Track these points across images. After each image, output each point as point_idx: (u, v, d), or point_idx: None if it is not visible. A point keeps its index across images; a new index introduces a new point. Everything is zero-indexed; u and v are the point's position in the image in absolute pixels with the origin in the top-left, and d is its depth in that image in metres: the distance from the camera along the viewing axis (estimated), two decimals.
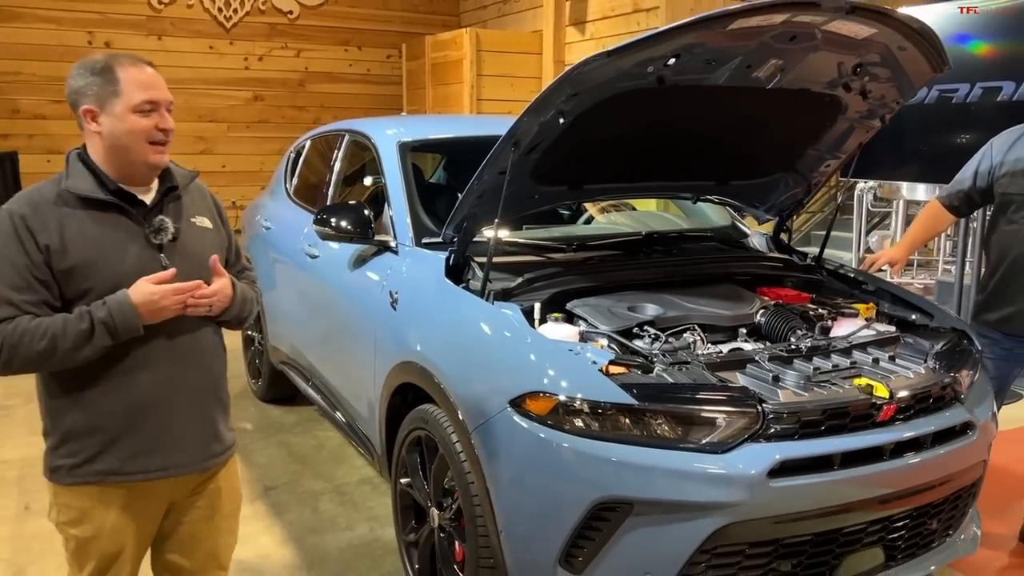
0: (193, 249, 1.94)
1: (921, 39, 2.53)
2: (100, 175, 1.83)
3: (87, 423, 1.85)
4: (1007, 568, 3.10)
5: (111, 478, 1.87)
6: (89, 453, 1.85)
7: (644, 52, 2.28)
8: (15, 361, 1.73)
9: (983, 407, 2.55)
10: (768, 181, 3.27)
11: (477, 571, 2.41)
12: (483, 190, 2.66)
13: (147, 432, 1.88)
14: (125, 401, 1.85)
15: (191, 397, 1.95)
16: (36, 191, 1.83)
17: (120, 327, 1.75)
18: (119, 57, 1.83)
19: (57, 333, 1.72)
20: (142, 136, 1.81)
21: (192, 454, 1.96)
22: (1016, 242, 2.96)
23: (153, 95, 1.82)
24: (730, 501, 2.11)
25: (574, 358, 2.31)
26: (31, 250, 1.75)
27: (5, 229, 1.76)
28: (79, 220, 1.80)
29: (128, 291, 1.77)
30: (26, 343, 1.71)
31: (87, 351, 1.75)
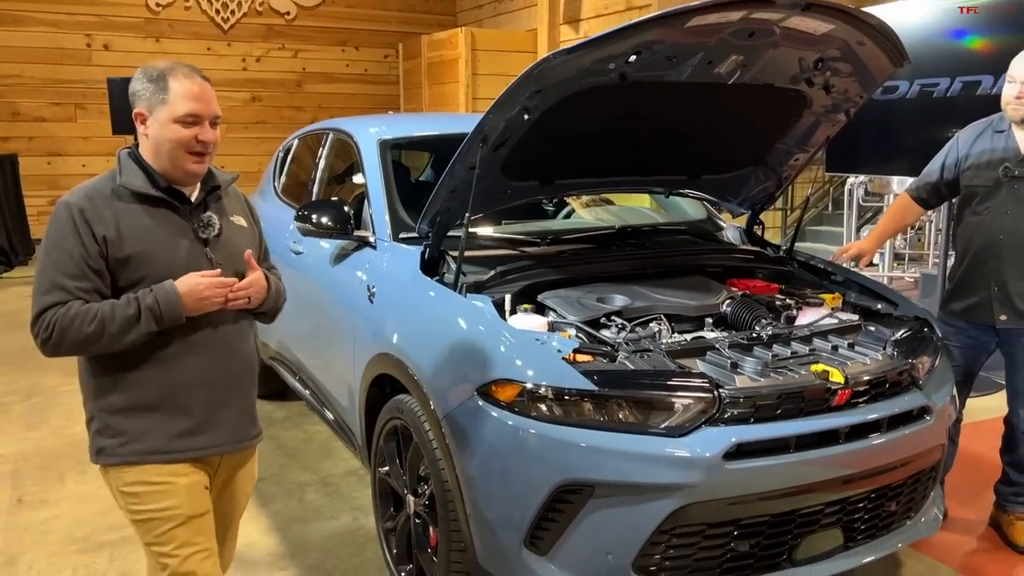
0: (233, 246, 2.04)
1: (878, 34, 2.60)
2: (151, 173, 1.92)
3: (134, 401, 1.91)
4: (976, 552, 3.16)
5: (156, 457, 1.92)
6: (136, 432, 1.91)
7: (604, 49, 2.35)
8: (64, 343, 1.81)
9: (941, 392, 2.62)
10: (739, 175, 3.34)
11: (448, 555, 2.49)
12: (454, 185, 2.73)
13: (192, 412, 1.95)
14: (171, 382, 1.92)
15: (232, 381, 2.04)
16: (92, 186, 1.92)
17: (165, 315, 1.84)
18: (177, 68, 1.91)
19: (105, 317, 1.81)
20: (181, 145, 1.89)
21: (233, 434, 2.05)
22: (980, 233, 3.02)
23: (196, 108, 1.88)
24: (687, 482, 2.18)
25: (540, 347, 2.38)
26: (87, 241, 1.83)
27: (63, 220, 1.85)
28: (133, 214, 1.89)
29: (175, 282, 1.86)
30: (76, 326, 1.79)
31: (132, 335, 1.83)
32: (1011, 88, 2.90)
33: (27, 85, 10.29)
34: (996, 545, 3.18)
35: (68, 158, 10.57)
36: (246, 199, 2.24)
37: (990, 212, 2.97)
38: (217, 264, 1.96)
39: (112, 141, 9.92)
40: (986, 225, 2.99)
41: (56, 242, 1.85)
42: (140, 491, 1.93)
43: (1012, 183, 2.92)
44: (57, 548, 3.16)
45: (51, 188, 10.52)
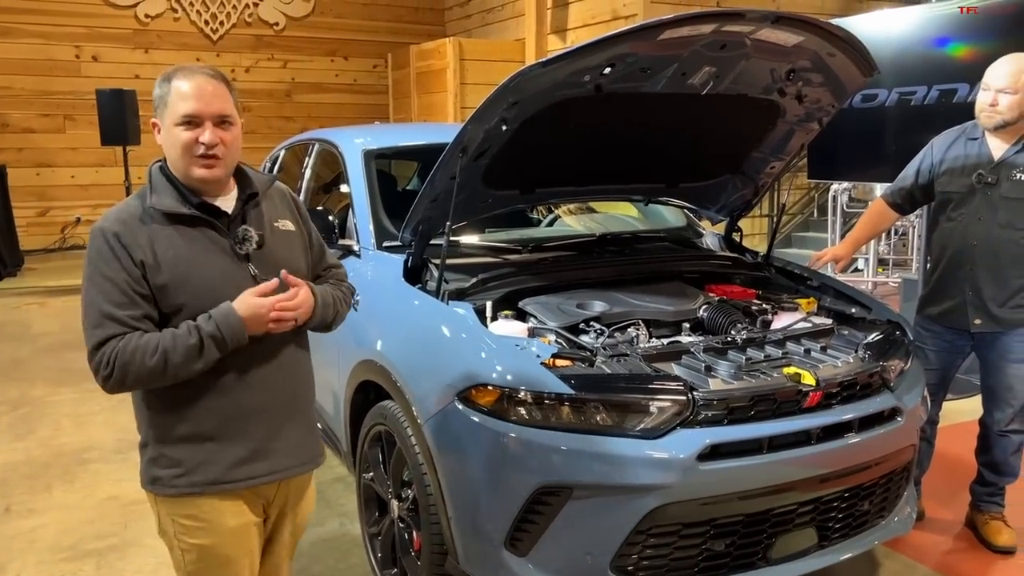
0: (279, 255, 1.92)
1: (847, 46, 2.66)
2: (181, 188, 1.82)
3: (191, 431, 1.82)
4: (952, 551, 3.22)
5: (215, 487, 1.85)
6: (192, 463, 1.83)
7: (579, 62, 2.41)
8: (128, 378, 1.71)
9: (912, 394, 2.68)
10: (716, 183, 3.41)
11: (431, 557, 2.53)
12: (436, 195, 2.78)
13: (252, 438, 1.87)
14: (229, 409, 1.83)
15: (290, 402, 1.95)
16: (124, 208, 1.81)
17: (228, 339, 1.74)
18: (182, 68, 1.81)
19: (168, 348, 1.70)
20: (185, 150, 1.77)
21: (295, 457, 1.96)
22: (954, 238, 3.08)
23: (192, 108, 1.76)
24: (662, 483, 2.23)
25: (520, 352, 2.43)
26: (128, 266, 1.74)
27: (100, 247, 1.75)
28: (167, 236, 1.79)
29: (233, 304, 1.76)
30: (138, 360, 1.69)
31: (198, 365, 1.73)
32: (985, 96, 2.96)
33: (16, 96, 10.33)
34: (972, 544, 3.24)
35: (57, 169, 10.61)
36: (293, 197, 2.10)
37: (964, 218, 3.04)
38: (263, 280, 1.83)
39: (100, 152, 9.99)
40: (960, 231, 3.05)
41: (98, 271, 1.75)
42: (189, 524, 1.87)
43: (985, 190, 2.98)
44: (45, 556, 3.19)
45: (40, 199, 10.57)
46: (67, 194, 10.68)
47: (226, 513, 1.89)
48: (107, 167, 10.50)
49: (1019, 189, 2.92)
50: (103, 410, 4.81)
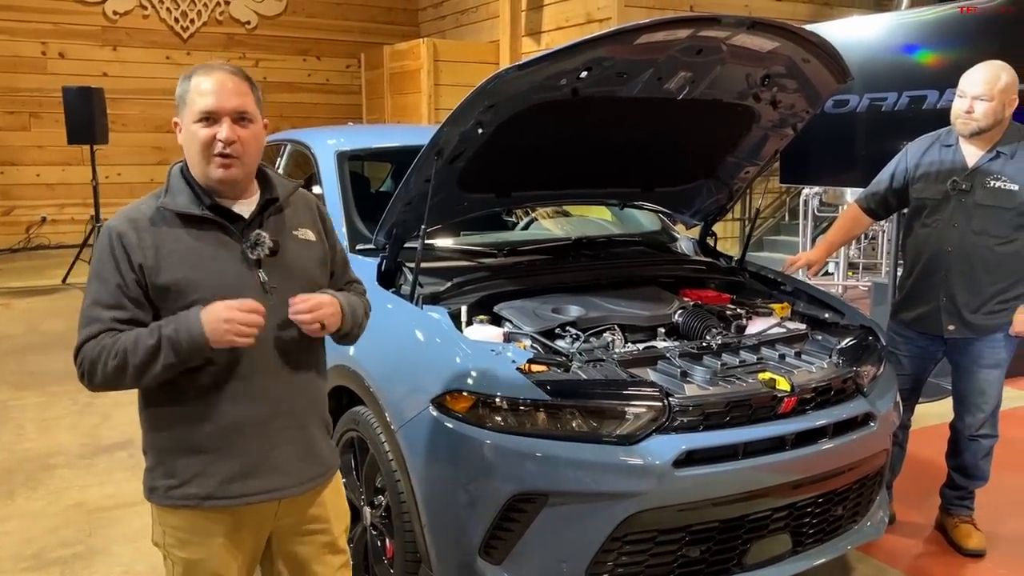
0: (294, 264, 1.85)
1: (821, 52, 2.68)
2: (197, 189, 1.78)
3: (185, 444, 1.78)
4: (923, 555, 3.24)
5: (208, 502, 1.79)
6: (186, 476, 1.78)
7: (555, 65, 2.40)
8: (96, 377, 1.69)
9: (885, 399, 2.69)
10: (691, 188, 3.41)
11: (404, 565, 2.50)
12: (410, 197, 2.75)
13: (246, 454, 1.80)
14: (224, 422, 1.77)
15: (291, 418, 1.85)
16: (136, 207, 1.78)
17: (185, 343, 1.65)
18: (205, 65, 1.77)
19: (128, 349, 1.66)
20: (201, 148, 1.73)
21: (292, 476, 1.86)
22: (929, 244, 3.10)
23: (209, 104, 1.71)
24: (638, 490, 2.22)
25: (495, 357, 2.41)
26: (124, 269, 1.71)
27: (103, 246, 1.73)
28: (176, 237, 1.74)
29: (201, 308, 1.68)
30: (103, 359, 1.67)
31: (156, 368, 1.66)
32: (961, 103, 2.97)
33: None
34: (942, 548, 3.26)
35: (22, 168, 10.41)
36: (319, 207, 2.02)
37: (938, 224, 3.05)
38: (271, 288, 1.78)
39: (67, 150, 9.80)
40: (934, 237, 3.07)
41: (96, 271, 1.74)
42: (181, 536, 1.83)
43: (960, 196, 3.00)
44: (7, 566, 3.11)
45: (4, 198, 10.37)
46: (32, 193, 10.48)
47: (217, 529, 1.83)
48: (74, 166, 10.32)
49: (993, 196, 2.95)
50: (69, 414, 4.71)
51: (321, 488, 1.96)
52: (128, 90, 10.61)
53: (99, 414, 4.71)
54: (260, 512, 1.86)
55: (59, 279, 8.39)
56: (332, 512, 2.00)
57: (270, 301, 1.76)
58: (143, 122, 10.81)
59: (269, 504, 1.86)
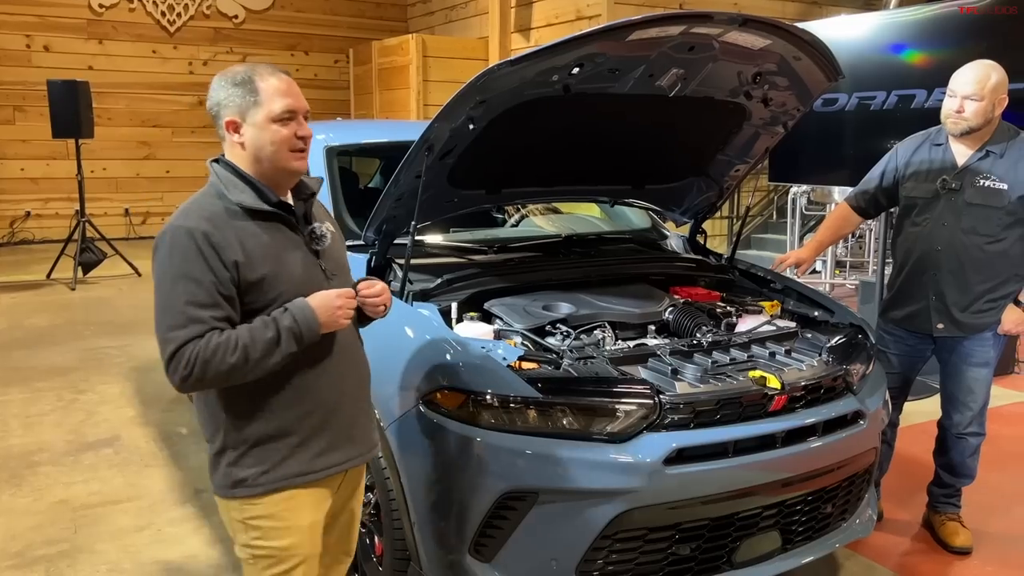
0: (337, 253, 2.00)
1: (813, 50, 2.67)
2: (258, 186, 1.84)
3: (275, 429, 1.85)
4: (910, 552, 3.25)
5: (299, 479, 1.88)
6: (276, 459, 1.86)
7: (547, 61, 2.38)
8: (207, 376, 1.72)
9: (874, 397, 2.70)
10: (681, 185, 3.41)
11: (393, 563, 2.49)
12: (400, 193, 2.73)
13: (331, 429, 1.92)
14: (310, 403, 1.88)
15: (358, 392, 2.02)
16: (205, 206, 1.81)
17: (304, 332, 1.78)
18: (259, 68, 1.84)
19: (247, 344, 1.73)
20: (284, 144, 1.82)
21: (362, 445, 2.03)
22: (919, 243, 3.11)
23: (291, 104, 1.82)
24: (629, 488, 2.22)
25: (485, 355, 2.39)
26: (216, 267, 1.74)
27: (186, 246, 1.74)
28: (253, 233, 1.81)
29: (306, 298, 1.81)
30: (219, 357, 1.71)
31: (275, 358, 1.76)
32: (951, 102, 2.98)
33: None
34: (930, 546, 3.27)
35: (6, 162, 10.32)
36: (324, 206, 2.16)
37: (928, 223, 3.06)
38: (331, 275, 1.93)
39: (52, 144, 9.73)
40: (924, 236, 3.07)
41: (183, 271, 1.73)
42: (266, 526, 1.88)
43: (949, 195, 3.01)
44: None
45: None
46: (16, 187, 10.38)
47: (302, 510, 1.92)
48: (58, 160, 10.23)
49: (983, 195, 2.95)
50: (54, 411, 4.67)
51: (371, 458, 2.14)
52: (114, 84, 10.53)
53: (84, 411, 4.67)
54: (332, 482, 1.99)
55: (43, 274, 8.32)
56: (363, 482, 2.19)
57: (332, 285, 1.92)
58: (129, 116, 10.73)
59: (336, 477, 1.99)
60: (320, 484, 1.94)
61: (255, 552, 1.91)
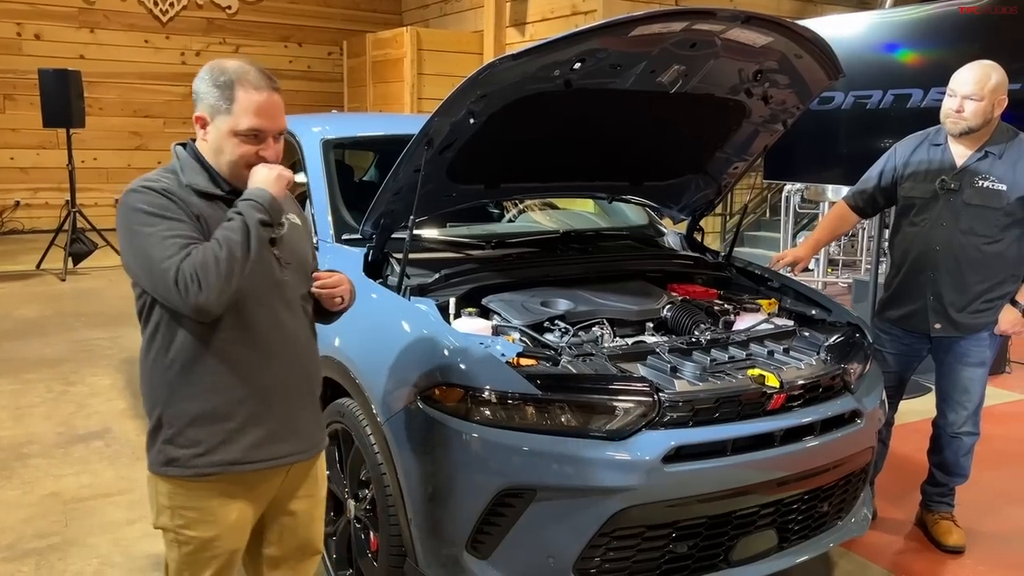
0: (295, 243, 1.96)
1: (814, 48, 2.67)
2: (213, 173, 1.83)
3: (212, 410, 1.81)
4: (904, 551, 3.27)
5: (234, 468, 1.83)
6: (212, 442, 1.81)
7: (549, 56, 2.37)
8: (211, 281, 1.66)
9: (872, 396, 2.70)
10: (680, 182, 3.40)
11: (389, 559, 2.48)
12: (399, 188, 2.72)
13: (273, 419, 1.87)
14: (253, 387, 1.83)
15: (307, 384, 1.98)
16: (156, 179, 1.79)
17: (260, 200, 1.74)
18: (247, 74, 1.78)
19: (225, 236, 1.70)
20: (242, 160, 1.80)
21: (307, 441, 1.97)
22: (917, 243, 3.11)
23: (260, 124, 1.78)
24: (627, 485, 2.21)
25: (483, 350, 2.38)
26: (188, 216, 1.75)
27: (154, 197, 1.73)
28: (204, 211, 1.79)
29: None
30: (211, 258, 1.67)
31: (254, 235, 1.71)
32: (951, 102, 2.97)
33: None
34: (923, 544, 3.28)
35: None
36: (293, 197, 2.13)
37: (927, 223, 3.06)
38: (286, 263, 1.88)
39: (42, 134, 9.65)
40: (922, 236, 3.07)
41: (158, 213, 1.72)
42: (191, 516, 1.85)
43: (948, 196, 3.01)
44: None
45: None
46: (6, 177, 10.29)
47: (232, 503, 1.87)
48: (48, 150, 10.15)
49: (981, 196, 2.96)
50: (43, 402, 4.63)
51: (320, 454, 2.08)
52: (105, 73, 10.44)
53: (74, 403, 4.63)
54: (271, 478, 1.93)
55: (32, 264, 8.25)
56: (321, 476, 2.12)
57: (285, 276, 1.89)
58: (120, 106, 10.65)
59: (280, 470, 1.93)
60: (256, 477, 1.89)
61: (180, 537, 1.88)
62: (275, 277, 1.86)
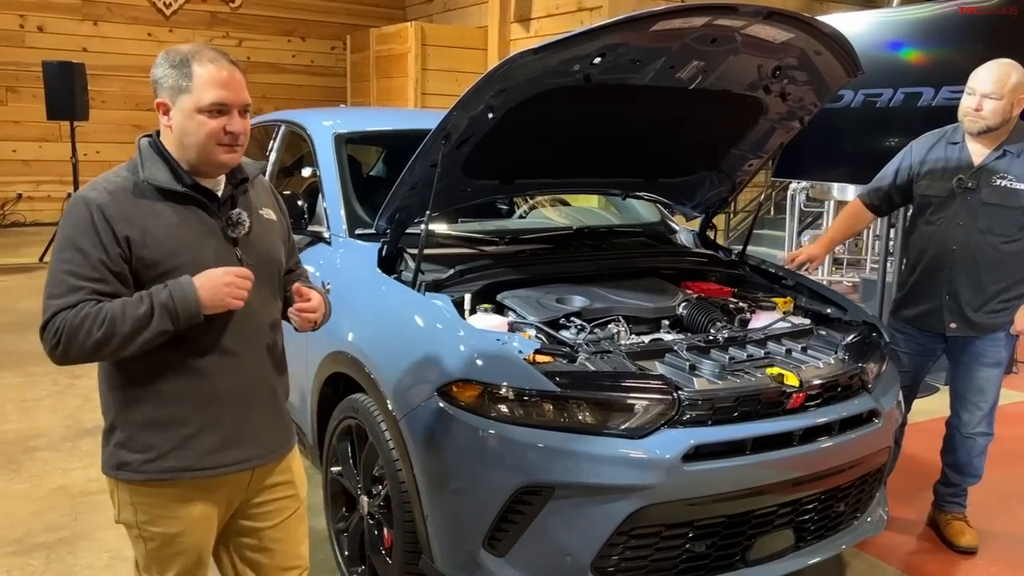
0: (263, 243, 1.89)
1: (835, 44, 2.65)
2: (175, 166, 1.76)
3: (165, 416, 1.76)
4: (916, 551, 3.26)
5: (186, 474, 1.79)
6: (164, 448, 1.77)
7: (570, 50, 2.35)
8: (72, 349, 1.63)
9: (889, 396, 2.68)
10: (694, 179, 3.38)
11: (403, 556, 2.46)
12: (415, 182, 2.70)
13: (226, 425, 1.81)
14: (205, 393, 1.78)
15: (264, 387, 1.90)
16: (113, 180, 1.74)
17: (180, 311, 1.65)
18: (201, 52, 1.73)
19: (116, 317, 1.62)
20: (210, 138, 1.72)
21: (267, 445, 1.91)
22: (933, 242, 3.09)
23: (223, 96, 1.71)
24: (646, 484, 2.19)
25: (501, 347, 2.36)
26: (108, 241, 1.66)
27: (81, 217, 1.67)
28: (157, 212, 1.73)
29: (192, 276, 1.69)
30: (85, 329, 1.62)
31: (145, 336, 1.64)
32: (970, 100, 2.95)
33: None
34: (935, 544, 3.28)
35: None
36: (273, 189, 2.08)
37: (943, 222, 3.05)
38: (248, 265, 1.80)
39: (45, 126, 9.63)
40: (939, 235, 3.06)
41: (72, 241, 1.67)
42: (154, 513, 1.81)
43: (965, 195, 3.00)
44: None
45: None
46: (8, 169, 10.26)
47: (193, 501, 1.83)
48: (51, 142, 10.13)
49: (999, 195, 2.94)
50: (49, 395, 4.62)
51: (288, 455, 2.01)
52: (108, 66, 10.41)
53: (81, 396, 4.61)
54: (233, 482, 1.88)
55: (35, 257, 8.23)
56: (297, 477, 2.05)
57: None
58: (123, 99, 10.62)
59: (243, 474, 1.88)
60: (214, 482, 1.84)
61: (143, 534, 1.84)
62: None
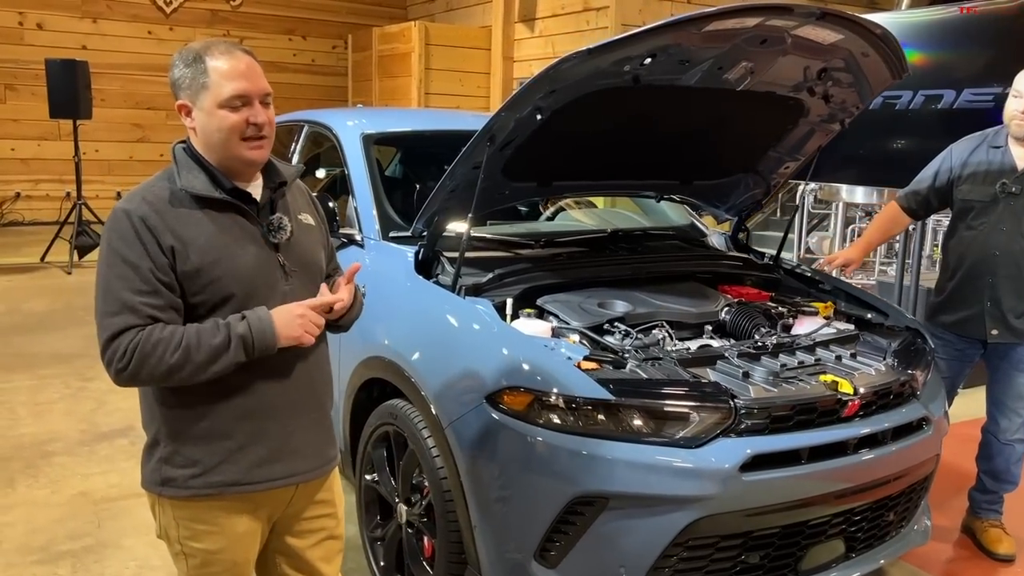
0: (304, 248, 1.85)
1: (883, 45, 2.61)
2: (213, 171, 1.72)
3: (210, 428, 1.72)
4: (953, 559, 3.22)
5: (234, 489, 1.75)
6: (210, 462, 1.73)
7: (622, 51, 2.30)
8: (142, 373, 1.61)
9: (937, 403, 2.65)
10: (730, 181, 3.34)
11: (447, 566, 2.41)
12: (455, 185, 2.65)
13: (272, 439, 1.77)
14: (251, 407, 1.74)
15: (312, 400, 1.86)
16: (150, 190, 1.70)
17: (257, 344, 1.65)
18: (213, 46, 1.69)
19: (191, 345, 1.61)
20: (234, 132, 1.68)
21: (313, 460, 1.87)
22: (974, 247, 3.05)
23: (241, 88, 1.67)
24: (704, 495, 2.15)
25: (549, 353, 2.31)
26: (154, 252, 1.63)
27: (124, 229, 1.64)
28: (197, 220, 1.69)
29: (270, 310, 1.68)
30: (158, 354, 1.60)
31: (220, 365, 1.63)
32: (1017, 103, 2.92)
33: None
34: (972, 552, 3.24)
35: None
36: (310, 193, 2.03)
37: (985, 227, 3.01)
38: (292, 271, 1.77)
39: (44, 125, 9.52)
40: (981, 240, 3.02)
41: (119, 254, 1.63)
42: (198, 528, 1.77)
43: (1009, 199, 2.96)
44: (14, 559, 2.96)
45: None
46: (6, 168, 10.13)
47: (238, 517, 1.79)
48: (50, 141, 10.01)
49: None
50: (62, 398, 4.54)
51: (332, 471, 1.97)
52: (108, 64, 10.29)
53: (94, 399, 4.54)
54: (277, 497, 1.84)
55: (36, 257, 8.12)
56: (337, 496, 2.02)
57: (290, 284, 1.78)
58: (123, 98, 10.50)
59: (287, 489, 1.84)
60: (261, 497, 1.80)
61: (185, 551, 1.80)
62: (279, 288, 1.76)
